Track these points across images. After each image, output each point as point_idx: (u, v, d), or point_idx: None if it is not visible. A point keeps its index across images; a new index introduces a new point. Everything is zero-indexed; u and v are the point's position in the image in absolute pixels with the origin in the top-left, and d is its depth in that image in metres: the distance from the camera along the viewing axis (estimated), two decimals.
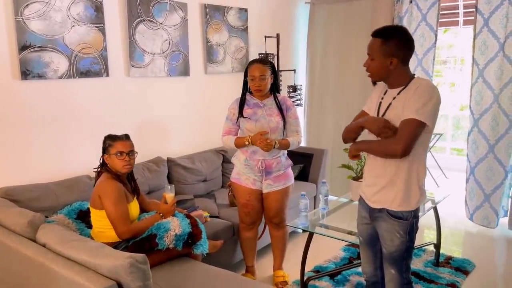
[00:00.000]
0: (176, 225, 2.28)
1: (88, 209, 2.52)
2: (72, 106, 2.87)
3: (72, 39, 2.80)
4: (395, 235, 1.88)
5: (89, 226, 2.51)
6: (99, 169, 2.39)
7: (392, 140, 1.78)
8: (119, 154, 2.30)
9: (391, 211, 1.88)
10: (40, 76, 2.67)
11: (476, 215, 3.87)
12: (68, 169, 2.85)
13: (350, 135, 2.00)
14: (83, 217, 2.50)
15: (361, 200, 2.07)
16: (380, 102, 1.92)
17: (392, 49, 1.79)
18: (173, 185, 2.48)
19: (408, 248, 1.91)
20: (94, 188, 2.32)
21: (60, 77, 2.77)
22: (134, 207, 2.40)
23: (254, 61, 2.72)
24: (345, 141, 2.05)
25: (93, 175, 2.86)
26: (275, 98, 2.77)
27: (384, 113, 1.87)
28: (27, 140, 2.67)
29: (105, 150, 2.35)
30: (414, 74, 1.88)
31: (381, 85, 1.99)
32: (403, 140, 1.73)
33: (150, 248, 2.20)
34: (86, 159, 2.94)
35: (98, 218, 2.29)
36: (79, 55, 2.85)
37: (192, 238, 2.30)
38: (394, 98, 1.85)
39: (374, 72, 1.88)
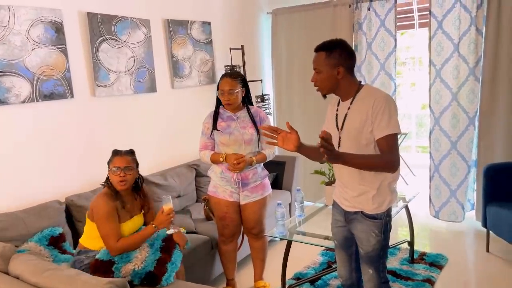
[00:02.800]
0: (140, 259, 2.20)
1: (60, 234, 2.52)
2: (37, 130, 2.79)
3: (33, 62, 2.73)
4: (371, 235, 1.94)
5: (62, 252, 2.45)
6: (104, 184, 2.38)
7: (384, 159, 1.82)
8: (115, 169, 2.29)
9: (366, 212, 1.94)
10: (2, 102, 2.58)
11: (443, 212, 4.01)
12: (35, 196, 2.76)
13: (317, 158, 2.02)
14: (55, 243, 2.44)
15: (335, 203, 2.13)
16: (336, 115, 2.00)
17: (337, 59, 1.88)
18: (170, 196, 2.37)
19: (383, 247, 1.98)
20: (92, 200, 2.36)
21: (23, 102, 2.69)
22: (128, 227, 2.35)
23: (225, 75, 2.74)
24: (322, 162, 2.09)
25: (63, 200, 2.81)
26: (248, 110, 2.79)
27: (343, 125, 1.94)
28: None
29: (108, 165, 2.36)
30: (360, 82, 1.97)
31: (334, 99, 2.07)
32: (392, 158, 1.82)
33: (104, 272, 2.14)
34: (55, 184, 2.86)
35: (91, 227, 2.31)
36: (42, 77, 2.78)
37: (150, 279, 2.17)
38: (348, 108, 1.93)
39: (323, 85, 1.95)
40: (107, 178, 2.36)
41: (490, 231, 3.30)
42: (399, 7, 4.18)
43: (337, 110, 2.00)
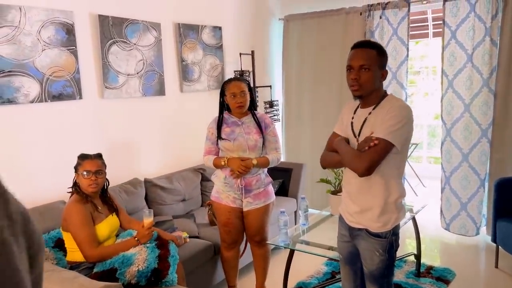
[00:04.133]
0: (141, 259, 2.21)
1: None
2: (44, 130, 2.81)
3: (43, 62, 2.76)
4: (375, 254, 1.88)
5: (65, 254, 2.45)
6: (72, 189, 2.38)
7: (359, 156, 1.78)
8: (85, 173, 2.30)
9: (370, 230, 1.88)
10: (11, 102, 2.61)
11: (453, 224, 3.93)
12: (41, 196, 2.77)
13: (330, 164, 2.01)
14: (61, 245, 2.44)
15: (341, 218, 2.07)
16: (352, 122, 1.93)
17: (384, 62, 1.84)
18: (152, 210, 2.42)
19: (388, 266, 1.90)
20: (63, 210, 2.32)
21: (32, 102, 2.71)
22: (106, 226, 2.36)
23: (231, 79, 2.73)
24: (325, 167, 2.06)
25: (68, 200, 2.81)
26: (254, 115, 2.78)
27: (360, 132, 1.88)
28: None
29: (76, 169, 2.35)
30: (385, 91, 1.91)
31: (349, 106, 2.01)
32: (367, 160, 1.73)
33: (110, 282, 2.11)
34: (60, 184, 2.87)
35: (67, 239, 2.29)
36: (51, 78, 2.80)
37: (157, 275, 2.21)
38: (370, 113, 1.85)
39: (366, 85, 1.80)
40: (75, 183, 2.36)
41: (499, 247, 3.22)
42: (413, 16, 4.13)
43: (352, 117, 1.93)
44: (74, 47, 2.93)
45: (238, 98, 2.66)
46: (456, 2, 3.71)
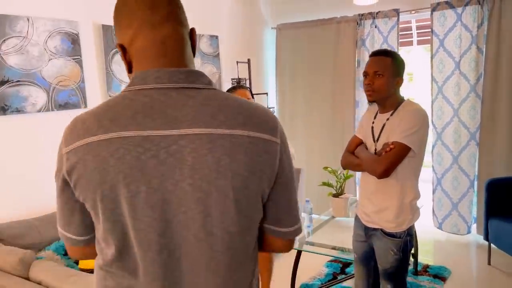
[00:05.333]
0: None
1: None
2: (51, 139, 2.82)
3: (49, 72, 2.79)
4: (389, 253, 1.96)
5: (77, 262, 2.47)
6: None
7: (377, 160, 1.89)
8: None
9: (385, 230, 1.98)
10: (19, 111, 2.63)
11: (445, 224, 4.08)
12: (50, 203, 2.78)
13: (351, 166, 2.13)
14: None
15: (357, 218, 2.16)
16: (372, 127, 2.03)
17: (399, 69, 1.94)
18: None
19: (402, 265, 1.99)
20: None
21: (39, 111, 2.74)
22: None
23: (236, 87, 2.81)
24: (345, 168, 2.16)
25: None
26: None
27: (379, 136, 1.98)
28: (5, 175, 2.60)
29: None
30: (403, 97, 2.01)
31: (370, 111, 2.11)
32: (384, 163, 1.84)
33: None
34: None
35: None
36: (57, 87, 2.83)
37: None
38: (387, 119, 1.95)
39: (379, 89, 1.91)
40: None
41: (491, 244, 3.37)
42: (400, 25, 4.31)
43: (373, 122, 2.03)
44: (79, 57, 2.97)
45: None
46: (443, 12, 3.89)
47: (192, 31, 0.94)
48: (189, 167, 0.79)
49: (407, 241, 1.97)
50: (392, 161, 1.84)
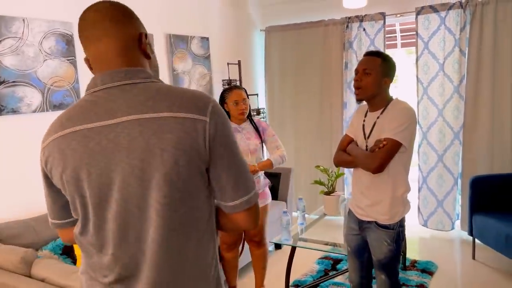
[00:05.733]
0: None
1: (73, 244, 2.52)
2: None
3: (44, 73, 2.80)
4: (383, 244, 2.06)
5: (75, 261, 2.48)
6: None
7: (371, 156, 1.98)
8: None
9: (379, 222, 2.07)
10: (15, 111, 2.63)
11: (431, 221, 4.21)
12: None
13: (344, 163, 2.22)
14: (68, 252, 2.48)
15: (350, 212, 2.25)
16: (363, 125, 2.13)
17: (388, 70, 2.03)
18: None
19: (395, 255, 2.09)
20: None
21: (34, 111, 2.75)
22: None
23: (231, 88, 2.87)
24: (338, 165, 2.25)
25: None
26: (251, 121, 2.92)
27: (370, 134, 2.08)
28: (1, 175, 2.61)
29: None
30: (392, 96, 2.11)
31: (360, 110, 2.21)
32: (378, 158, 1.94)
33: None
34: None
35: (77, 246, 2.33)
36: (52, 88, 2.85)
37: None
38: (378, 117, 2.06)
39: (366, 88, 2.01)
40: None
41: (476, 239, 3.51)
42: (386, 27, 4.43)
43: (364, 120, 2.13)
44: (73, 57, 2.98)
45: (240, 105, 2.81)
46: (427, 16, 4.03)
47: (141, 35, 1.05)
48: (125, 149, 0.94)
49: (399, 232, 2.07)
50: (385, 156, 1.93)
